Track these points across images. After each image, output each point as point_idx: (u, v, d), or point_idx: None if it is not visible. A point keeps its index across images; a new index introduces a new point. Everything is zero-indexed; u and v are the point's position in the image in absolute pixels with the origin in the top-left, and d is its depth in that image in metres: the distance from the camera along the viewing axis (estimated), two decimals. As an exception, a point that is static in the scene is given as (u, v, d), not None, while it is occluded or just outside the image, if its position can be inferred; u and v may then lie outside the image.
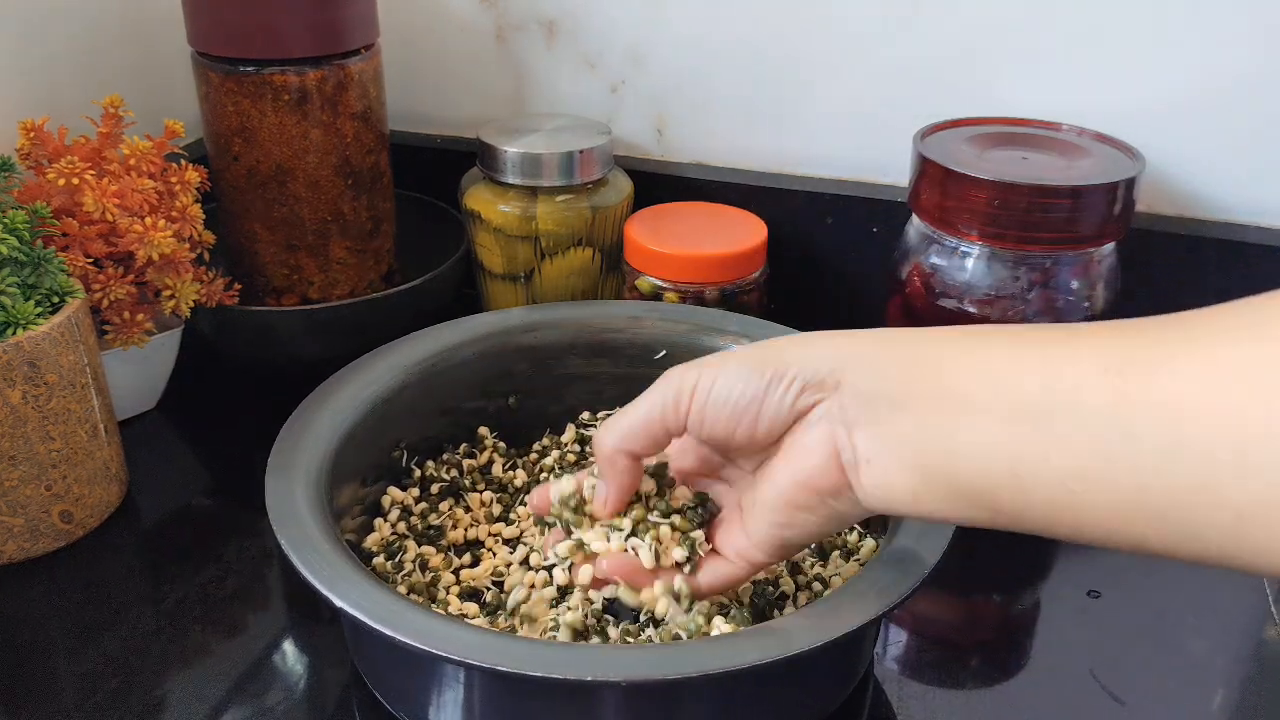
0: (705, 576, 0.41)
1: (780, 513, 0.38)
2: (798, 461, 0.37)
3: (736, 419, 0.38)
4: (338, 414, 0.49)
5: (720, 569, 0.41)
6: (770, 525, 0.38)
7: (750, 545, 0.40)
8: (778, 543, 0.39)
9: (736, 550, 0.41)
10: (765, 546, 0.39)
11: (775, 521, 0.38)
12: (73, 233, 0.56)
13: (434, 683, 0.41)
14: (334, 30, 0.62)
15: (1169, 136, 0.64)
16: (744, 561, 0.40)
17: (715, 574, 0.41)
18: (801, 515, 0.37)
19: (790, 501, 0.37)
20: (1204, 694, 0.47)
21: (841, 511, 0.37)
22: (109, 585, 0.52)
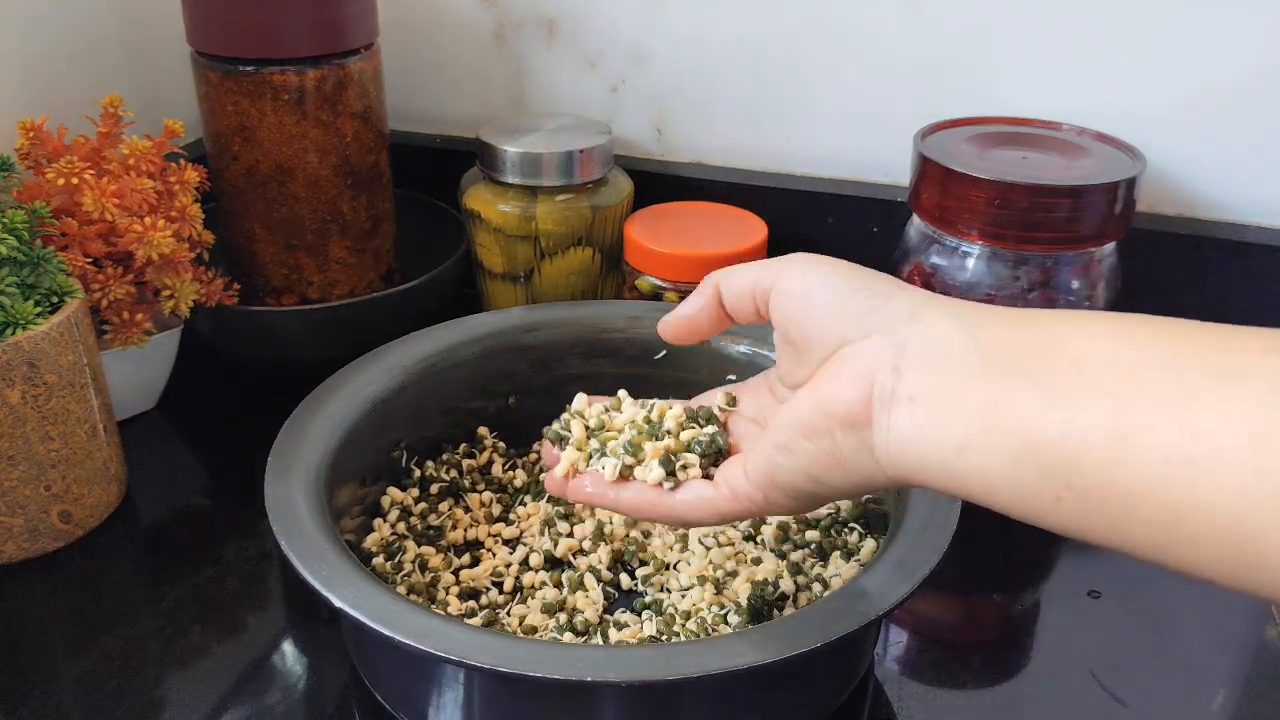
0: (683, 494, 0.39)
1: (785, 432, 0.35)
2: (826, 384, 0.34)
3: (813, 311, 0.35)
4: (337, 414, 0.49)
5: (699, 490, 0.39)
6: (771, 447, 0.36)
7: (742, 474, 0.38)
8: (768, 470, 0.36)
9: (726, 478, 0.39)
10: (755, 474, 0.37)
11: (777, 442, 0.35)
12: (72, 232, 0.56)
13: (433, 683, 0.41)
14: (333, 29, 0.62)
15: (1170, 136, 0.64)
16: (727, 489, 0.38)
17: (692, 492, 0.39)
18: (803, 442, 0.35)
19: (799, 421, 0.35)
20: (1205, 694, 0.47)
21: (843, 454, 0.34)
22: (108, 585, 0.52)
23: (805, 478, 0.35)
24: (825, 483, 0.35)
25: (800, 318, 0.35)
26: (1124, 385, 0.28)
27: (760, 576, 0.48)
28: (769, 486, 0.36)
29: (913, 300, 0.34)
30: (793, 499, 0.36)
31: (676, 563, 0.51)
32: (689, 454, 0.40)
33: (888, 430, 0.32)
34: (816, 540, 0.50)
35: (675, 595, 0.49)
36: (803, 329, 0.35)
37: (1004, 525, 0.56)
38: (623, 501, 0.40)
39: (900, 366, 0.32)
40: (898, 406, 0.32)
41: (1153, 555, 0.28)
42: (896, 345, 0.32)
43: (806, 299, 0.35)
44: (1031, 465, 0.29)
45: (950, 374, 0.31)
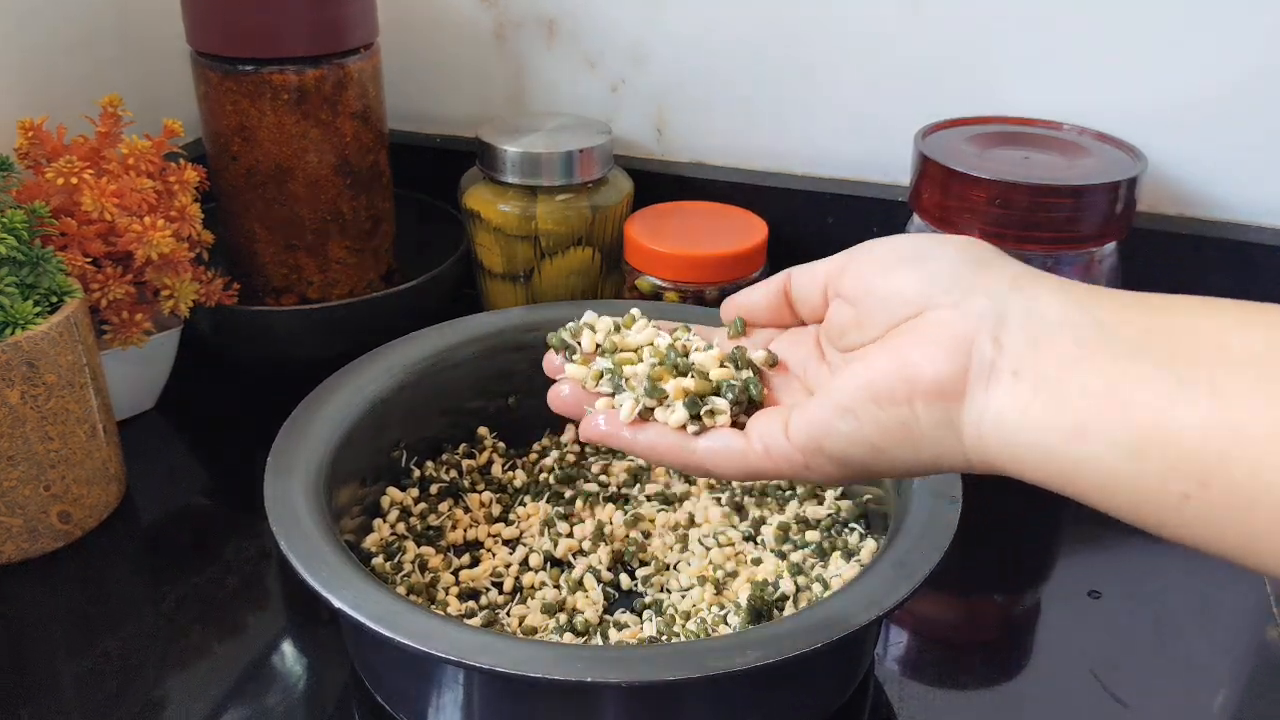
0: (708, 441, 0.35)
1: (851, 395, 0.31)
2: (910, 349, 0.30)
3: (892, 270, 0.32)
4: (337, 414, 0.49)
5: (727, 439, 0.35)
6: (829, 409, 0.32)
7: (781, 431, 0.33)
8: (820, 433, 0.32)
9: (761, 432, 0.34)
10: (800, 435, 0.33)
11: (839, 404, 0.31)
12: (71, 232, 0.56)
13: (433, 684, 0.41)
14: (333, 29, 0.62)
15: (1171, 136, 0.64)
16: (760, 444, 0.34)
17: (719, 441, 0.35)
18: (873, 409, 0.31)
19: (872, 386, 0.31)
20: (1205, 694, 0.47)
21: (920, 427, 0.30)
22: (108, 586, 0.51)
23: (866, 448, 0.31)
24: (887, 456, 0.31)
25: (874, 277, 0.32)
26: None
27: (760, 577, 0.48)
28: (814, 451, 0.32)
29: (1011, 269, 0.31)
30: (838, 467, 0.32)
31: (676, 563, 0.51)
32: (718, 398, 0.35)
33: (983, 408, 0.29)
34: (816, 541, 0.50)
35: (675, 595, 0.49)
36: (874, 288, 0.32)
37: (1005, 525, 0.56)
38: (639, 443, 0.36)
39: (1001, 339, 0.29)
40: (998, 382, 0.29)
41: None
42: (996, 315, 0.29)
43: (887, 258, 0.33)
44: (1158, 459, 0.26)
45: (1061, 351, 0.28)
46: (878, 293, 0.32)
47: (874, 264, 0.33)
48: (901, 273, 0.32)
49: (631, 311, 0.40)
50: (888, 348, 0.31)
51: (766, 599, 0.46)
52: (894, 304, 0.32)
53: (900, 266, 0.32)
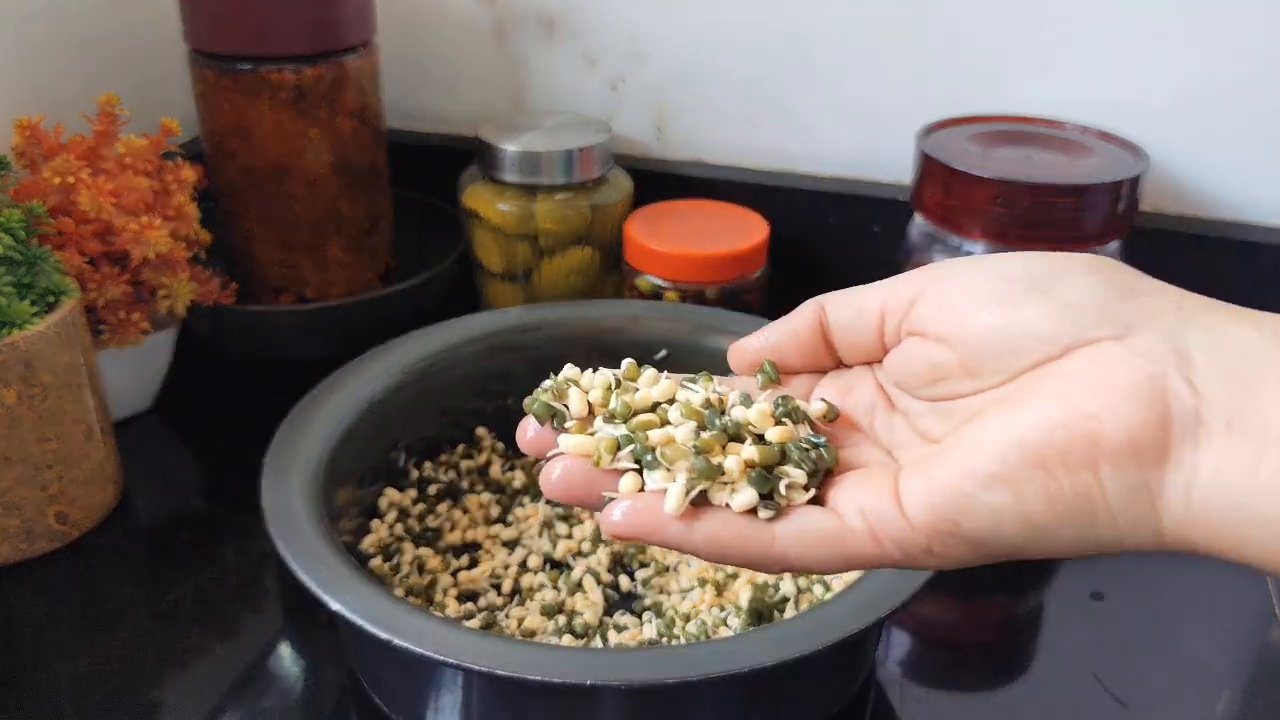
0: (789, 525, 0.26)
1: (1001, 460, 0.24)
2: (1081, 396, 0.24)
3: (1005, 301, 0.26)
4: (335, 415, 0.49)
5: (816, 522, 0.26)
6: (966, 478, 0.24)
7: (893, 510, 0.25)
8: (955, 509, 0.25)
9: (862, 510, 0.26)
10: (924, 514, 0.25)
11: (983, 473, 0.24)
12: (68, 231, 0.55)
13: (432, 686, 0.41)
14: (331, 27, 0.61)
15: (1174, 134, 0.64)
16: (862, 523, 0.26)
17: (806, 525, 0.26)
18: (1038, 477, 0.24)
19: (1034, 448, 0.24)
20: (1208, 696, 0.46)
21: (1105, 499, 0.23)
22: (105, 587, 0.51)
23: (1023, 526, 0.24)
24: (1050, 536, 0.24)
25: (978, 311, 0.26)
26: None
27: (761, 579, 0.48)
28: (945, 532, 0.25)
29: (1169, 294, 0.25)
30: (974, 550, 0.25)
31: (677, 565, 0.51)
32: (793, 468, 0.27)
33: (1193, 470, 0.23)
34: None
35: (675, 597, 0.48)
36: (982, 325, 0.26)
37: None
38: (695, 539, 0.26)
39: (1194, 382, 0.23)
40: (1209, 437, 0.23)
41: None
42: (1175, 353, 0.24)
43: (988, 287, 0.26)
44: None
45: (1275, 396, 0.23)
46: (990, 330, 0.26)
47: (969, 294, 0.27)
48: (1021, 304, 0.26)
49: (626, 362, 0.31)
50: (1042, 396, 0.24)
51: (768, 601, 0.46)
52: (1022, 343, 0.25)
53: (1015, 297, 0.26)
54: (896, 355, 0.29)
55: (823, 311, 0.30)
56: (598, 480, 0.27)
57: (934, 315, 0.27)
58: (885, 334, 0.29)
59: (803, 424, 0.29)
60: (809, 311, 0.30)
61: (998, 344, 0.26)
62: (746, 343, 0.31)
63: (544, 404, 0.29)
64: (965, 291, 0.27)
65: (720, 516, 0.27)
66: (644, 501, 0.27)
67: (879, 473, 0.27)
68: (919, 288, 0.28)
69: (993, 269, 0.27)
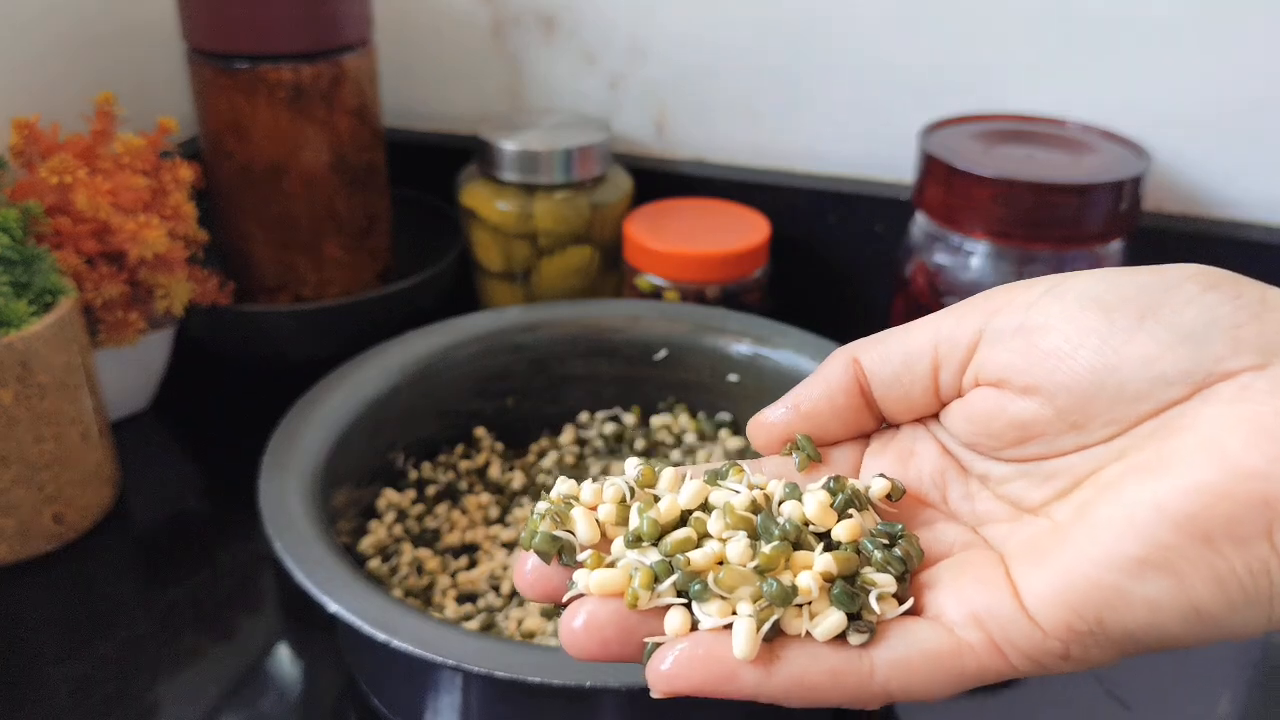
0: (890, 651, 0.22)
1: (1151, 539, 0.20)
2: (1236, 448, 0.19)
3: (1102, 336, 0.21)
4: (332, 415, 0.49)
5: (923, 642, 0.22)
6: (1103, 565, 0.20)
7: (1014, 612, 0.21)
8: (1095, 608, 0.20)
9: (976, 616, 0.21)
10: (1059, 614, 0.20)
11: (1130, 557, 0.20)
12: (65, 231, 0.55)
13: (430, 688, 0.41)
14: (329, 25, 0.61)
15: (1176, 133, 0.64)
16: (982, 638, 0.21)
17: (911, 646, 0.22)
18: (1201, 556, 0.19)
19: (1193, 520, 0.19)
20: (1209, 698, 0.46)
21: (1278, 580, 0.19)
22: (101, 588, 0.51)
23: (1185, 617, 0.20)
24: (1215, 624, 0.20)
25: (1075, 352, 0.21)
26: None
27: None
28: (1086, 634, 0.20)
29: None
30: (1118, 650, 0.21)
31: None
32: (878, 573, 0.22)
33: None
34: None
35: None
36: (1084, 369, 0.21)
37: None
38: (776, 685, 0.21)
39: None
40: None
41: None
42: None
43: (1084, 318, 0.22)
44: None
45: None
46: (1096, 373, 0.21)
47: (1057, 329, 0.22)
48: (1131, 336, 0.21)
49: (637, 465, 0.25)
50: (1186, 453, 0.20)
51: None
52: (1139, 386, 0.21)
53: (1120, 327, 0.21)
54: (964, 412, 0.24)
55: (857, 366, 0.25)
56: (634, 625, 0.22)
57: (1012, 360, 0.22)
58: (941, 385, 0.24)
59: (867, 510, 0.24)
60: (840, 368, 0.25)
61: (1108, 390, 0.21)
62: (770, 415, 0.26)
63: (548, 537, 0.23)
64: (1050, 326, 0.22)
65: (805, 652, 0.22)
66: (703, 646, 0.21)
67: (980, 563, 0.22)
68: (977, 326, 0.23)
69: (1074, 293, 0.22)
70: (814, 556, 0.22)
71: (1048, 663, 0.21)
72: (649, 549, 0.23)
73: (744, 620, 0.21)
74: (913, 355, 0.24)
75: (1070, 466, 0.22)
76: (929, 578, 0.23)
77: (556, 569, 0.23)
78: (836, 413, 0.25)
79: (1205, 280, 0.22)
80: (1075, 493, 0.22)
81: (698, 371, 0.56)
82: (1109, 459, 0.22)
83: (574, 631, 0.22)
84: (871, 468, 0.26)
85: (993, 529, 0.24)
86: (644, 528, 0.23)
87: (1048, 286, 0.23)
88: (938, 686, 0.21)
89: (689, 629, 0.22)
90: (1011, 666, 0.21)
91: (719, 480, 0.24)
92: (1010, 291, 0.24)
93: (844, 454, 0.26)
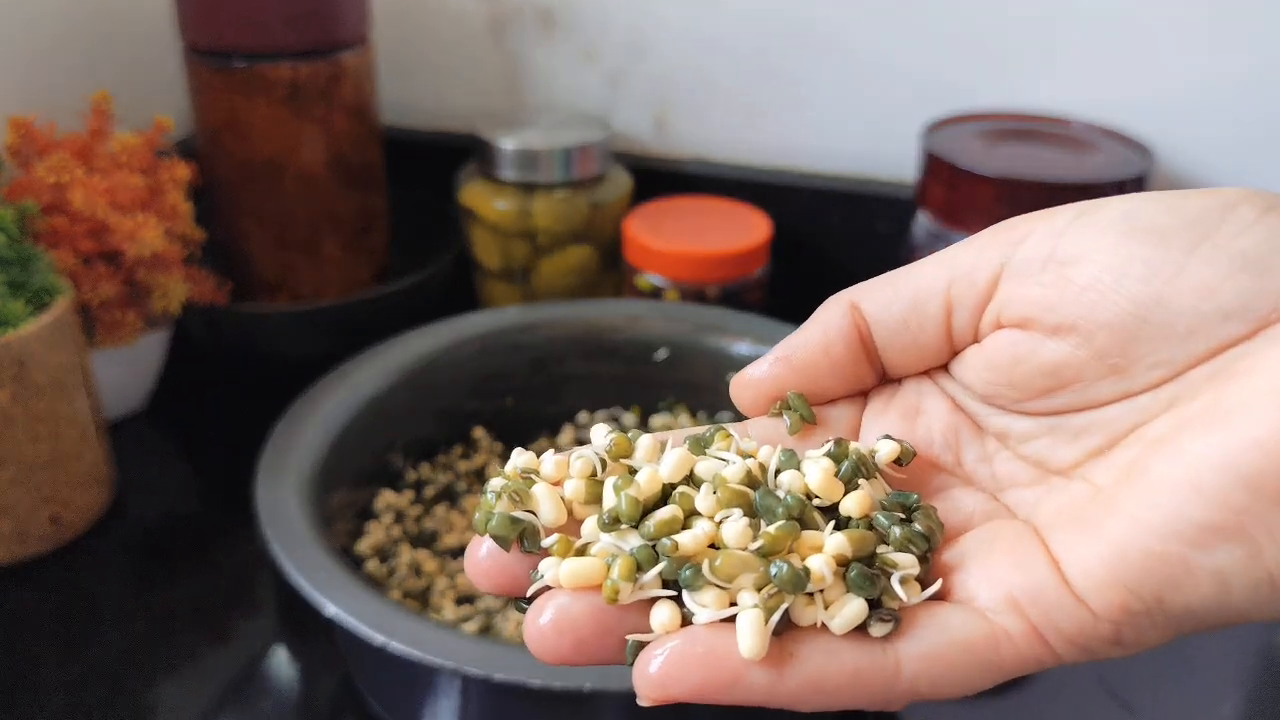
0: (918, 644, 0.19)
1: (1219, 503, 0.17)
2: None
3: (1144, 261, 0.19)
4: (330, 415, 0.48)
5: (953, 632, 0.19)
6: (1164, 535, 0.17)
7: (1060, 592, 0.18)
8: (1154, 585, 0.18)
9: (1013, 595, 0.19)
10: (1111, 594, 0.18)
11: (1195, 523, 0.17)
12: (62, 230, 0.55)
13: (429, 691, 0.41)
14: (327, 23, 0.61)
15: (1181, 132, 0.63)
16: (1022, 625, 0.19)
17: (940, 638, 0.19)
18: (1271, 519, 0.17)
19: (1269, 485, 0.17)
20: (1213, 701, 0.46)
21: None
22: (98, 590, 0.51)
23: (1258, 589, 0.18)
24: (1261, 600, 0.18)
25: (1118, 283, 0.19)
26: None
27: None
28: (1143, 614, 0.18)
29: None
30: (1178, 631, 0.19)
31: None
32: (898, 553, 0.20)
33: None
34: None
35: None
36: (1129, 303, 0.19)
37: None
38: (791, 687, 0.18)
39: None
40: None
41: None
42: None
43: (1130, 246, 0.19)
44: None
45: None
46: (1143, 307, 0.19)
47: (1097, 258, 0.19)
48: (1184, 264, 0.18)
49: (608, 433, 0.22)
50: (1256, 400, 0.17)
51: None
52: (1193, 321, 0.18)
53: (1172, 254, 0.18)
54: (982, 359, 0.21)
55: (857, 312, 0.22)
56: (614, 622, 0.19)
57: (1042, 296, 0.19)
58: (954, 330, 0.21)
59: (876, 479, 0.21)
60: (838, 314, 0.22)
61: (1155, 327, 0.18)
62: (756, 370, 0.23)
63: (506, 520, 0.20)
64: (1086, 255, 0.19)
65: (821, 648, 0.19)
66: (700, 642, 0.18)
67: (1012, 536, 0.20)
68: (998, 260, 0.20)
69: (1113, 218, 0.19)
70: (824, 536, 0.19)
71: (1097, 648, 0.19)
72: (628, 532, 0.19)
73: (750, 611, 0.18)
74: (922, 296, 0.21)
75: (1107, 419, 0.20)
76: (953, 555, 0.20)
77: (517, 556, 0.20)
78: (833, 366, 0.22)
79: (1262, 202, 0.19)
80: (1116, 451, 0.19)
81: (698, 371, 0.56)
82: (1156, 410, 0.19)
83: (541, 630, 0.19)
84: (873, 429, 0.22)
85: (1016, 494, 0.21)
86: (622, 507, 0.19)
87: (1078, 211, 0.20)
88: (973, 681, 0.19)
89: (679, 625, 0.19)
90: (1055, 655, 0.19)
91: (704, 449, 0.21)
92: (1033, 220, 0.20)
93: (840, 414, 0.23)
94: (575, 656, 0.19)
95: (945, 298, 0.21)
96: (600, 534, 0.20)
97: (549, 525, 0.20)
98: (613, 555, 0.19)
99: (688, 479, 0.21)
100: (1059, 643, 0.19)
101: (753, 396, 0.23)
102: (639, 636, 0.19)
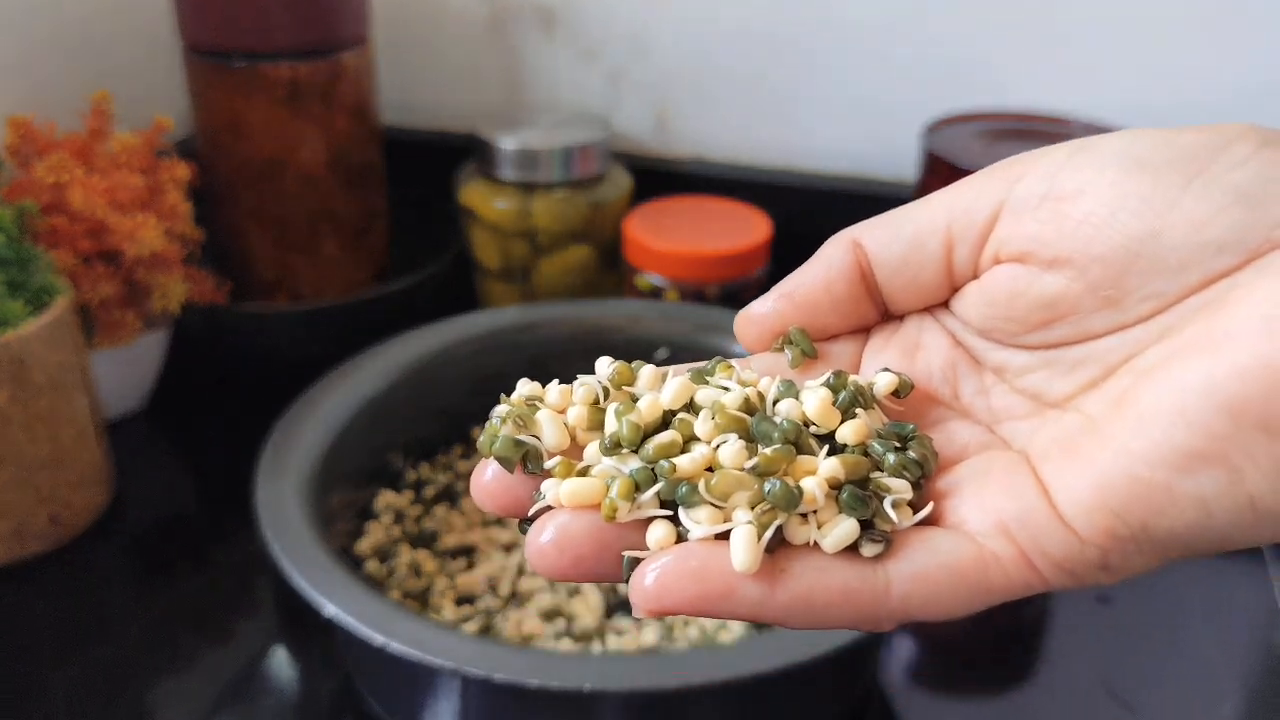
0: (908, 564, 0.19)
1: (1205, 429, 0.17)
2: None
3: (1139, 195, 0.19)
4: (330, 416, 0.48)
5: (943, 554, 0.19)
6: (1151, 462, 0.18)
7: (1049, 518, 0.19)
8: (1139, 511, 0.18)
9: (1003, 521, 0.19)
10: (1099, 519, 0.18)
11: (1181, 450, 0.17)
12: (61, 230, 0.55)
13: (428, 692, 0.41)
14: (326, 22, 0.61)
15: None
16: (1011, 550, 0.19)
17: (931, 559, 0.19)
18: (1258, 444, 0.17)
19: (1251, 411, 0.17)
20: (1214, 701, 0.46)
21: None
22: (97, 590, 0.51)
23: (1239, 514, 0.18)
24: (1275, 520, 0.18)
25: (1113, 216, 0.19)
26: None
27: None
28: (1129, 539, 0.18)
29: None
30: (1162, 557, 0.19)
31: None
32: (892, 478, 0.20)
33: None
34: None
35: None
36: (1123, 235, 0.19)
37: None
38: (778, 602, 0.19)
39: None
40: None
41: None
42: None
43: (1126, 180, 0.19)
44: None
45: None
46: (1137, 239, 0.19)
47: (1093, 192, 0.19)
48: (1178, 197, 0.19)
49: (611, 363, 0.22)
50: (1241, 328, 0.17)
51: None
52: (1186, 253, 0.18)
53: (1166, 188, 0.19)
54: (981, 293, 0.21)
55: (859, 249, 0.23)
56: (612, 539, 0.20)
57: (1039, 230, 0.20)
58: (954, 266, 0.22)
59: (873, 409, 0.21)
60: (840, 251, 0.23)
61: (1148, 259, 0.19)
62: (759, 307, 0.23)
63: (510, 442, 0.20)
64: (1082, 190, 0.19)
65: (813, 565, 0.19)
66: (695, 557, 0.19)
67: (1004, 465, 0.20)
68: (998, 196, 0.21)
69: (1109, 153, 0.20)
70: (818, 461, 0.20)
71: (1084, 573, 0.19)
72: (628, 455, 0.20)
73: (743, 527, 0.19)
74: (924, 233, 0.22)
75: (1102, 351, 0.20)
76: (946, 483, 0.21)
77: (520, 478, 0.21)
78: (835, 302, 0.23)
79: (1258, 137, 0.19)
80: (1109, 382, 0.20)
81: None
82: (1148, 340, 0.19)
83: (543, 548, 0.20)
84: (873, 364, 0.23)
85: (1011, 426, 0.22)
86: (623, 431, 0.20)
87: (1076, 147, 0.20)
88: (961, 603, 0.19)
89: (675, 543, 0.19)
90: (1043, 579, 0.19)
91: (705, 378, 0.22)
92: (1031, 157, 0.21)
93: (842, 349, 0.23)
94: (574, 573, 0.20)
95: (945, 235, 0.22)
96: (601, 457, 0.20)
97: (552, 449, 0.21)
98: (612, 476, 0.20)
99: (688, 407, 0.21)
100: (1047, 567, 0.19)
101: (756, 332, 0.24)
102: (635, 553, 0.20)
